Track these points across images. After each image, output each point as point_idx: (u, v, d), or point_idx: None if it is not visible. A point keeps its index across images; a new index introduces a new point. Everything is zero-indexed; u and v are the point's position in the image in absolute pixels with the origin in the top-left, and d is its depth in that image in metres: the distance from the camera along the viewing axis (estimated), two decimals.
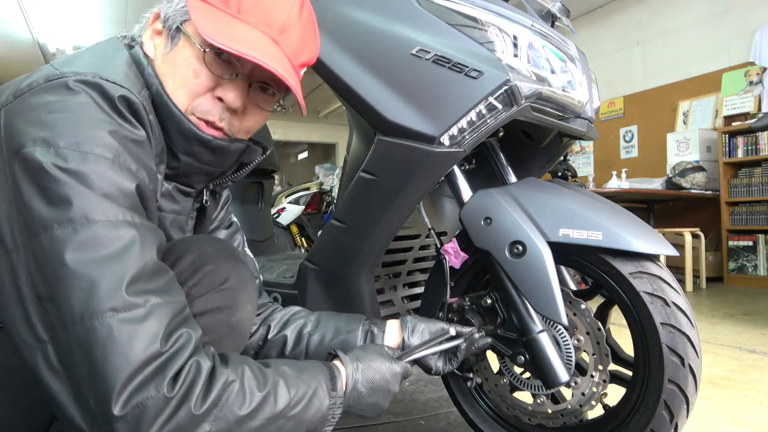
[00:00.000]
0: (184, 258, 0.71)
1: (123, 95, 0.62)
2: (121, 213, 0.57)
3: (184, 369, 0.55)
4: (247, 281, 0.78)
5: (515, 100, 0.92)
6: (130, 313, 0.53)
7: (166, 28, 0.73)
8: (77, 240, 0.53)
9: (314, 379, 0.68)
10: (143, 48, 0.74)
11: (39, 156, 0.55)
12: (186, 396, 0.54)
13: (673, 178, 4.28)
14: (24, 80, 0.62)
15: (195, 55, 0.71)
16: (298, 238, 4.30)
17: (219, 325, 0.72)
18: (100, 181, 0.56)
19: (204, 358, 0.58)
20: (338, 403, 0.70)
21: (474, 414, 1.11)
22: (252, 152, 0.83)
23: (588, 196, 0.97)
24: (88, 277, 0.52)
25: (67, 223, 0.54)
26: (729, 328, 2.55)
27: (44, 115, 0.57)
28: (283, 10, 0.72)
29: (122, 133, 0.61)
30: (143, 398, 0.51)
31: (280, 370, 0.66)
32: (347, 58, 0.98)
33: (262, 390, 0.61)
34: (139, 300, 0.54)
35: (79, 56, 0.67)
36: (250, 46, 0.67)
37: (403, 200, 1.01)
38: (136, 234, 0.57)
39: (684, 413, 0.86)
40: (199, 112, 0.72)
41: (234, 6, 0.70)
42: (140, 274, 0.55)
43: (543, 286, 0.88)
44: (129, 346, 0.52)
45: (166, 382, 0.53)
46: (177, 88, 0.71)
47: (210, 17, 0.68)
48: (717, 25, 4.73)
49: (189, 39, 0.71)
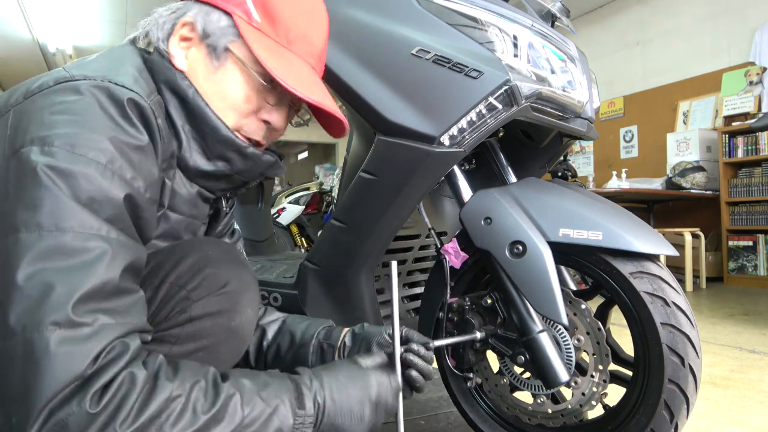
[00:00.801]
0: (185, 260, 0.71)
1: (132, 98, 0.62)
2: (96, 224, 0.55)
3: (115, 381, 0.50)
4: (249, 285, 0.77)
5: (515, 100, 0.92)
6: (73, 330, 0.49)
7: (208, 44, 0.72)
8: (40, 247, 0.51)
9: (275, 396, 0.61)
10: (172, 60, 0.72)
11: (33, 156, 0.54)
12: (115, 412, 0.49)
13: (673, 178, 4.28)
14: (35, 81, 0.62)
15: (247, 81, 0.73)
16: (298, 238, 4.31)
17: (218, 329, 0.72)
18: (86, 184, 0.55)
19: (140, 368, 0.52)
20: (307, 422, 0.62)
21: (474, 414, 1.11)
22: (278, 168, 0.83)
23: (588, 196, 0.97)
24: (41, 286, 0.50)
25: (35, 227, 0.52)
26: (729, 328, 2.55)
27: (47, 116, 0.57)
28: (321, 37, 0.78)
29: (123, 139, 0.60)
30: (64, 415, 0.47)
31: (238, 383, 0.59)
32: (347, 58, 0.98)
33: (209, 410, 0.54)
34: (87, 319, 0.51)
35: (91, 60, 0.68)
36: (305, 84, 0.71)
37: (403, 200, 1.01)
38: (107, 248, 0.54)
39: (684, 413, 0.86)
40: (245, 131, 0.76)
41: (283, 35, 0.73)
42: (97, 292, 0.52)
43: (543, 286, 0.88)
44: (63, 366, 0.48)
45: (89, 396, 0.48)
46: (226, 110, 0.73)
47: (266, 48, 0.70)
48: (717, 25, 4.73)
49: (240, 63, 0.72)
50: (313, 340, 0.89)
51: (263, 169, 0.80)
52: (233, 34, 0.72)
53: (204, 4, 0.73)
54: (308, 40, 0.76)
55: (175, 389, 0.53)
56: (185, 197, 0.77)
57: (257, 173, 0.81)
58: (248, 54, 0.71)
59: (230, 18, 0.72)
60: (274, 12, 0.72)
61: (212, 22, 0.72)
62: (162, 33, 0.73)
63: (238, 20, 0.71)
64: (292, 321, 0.95)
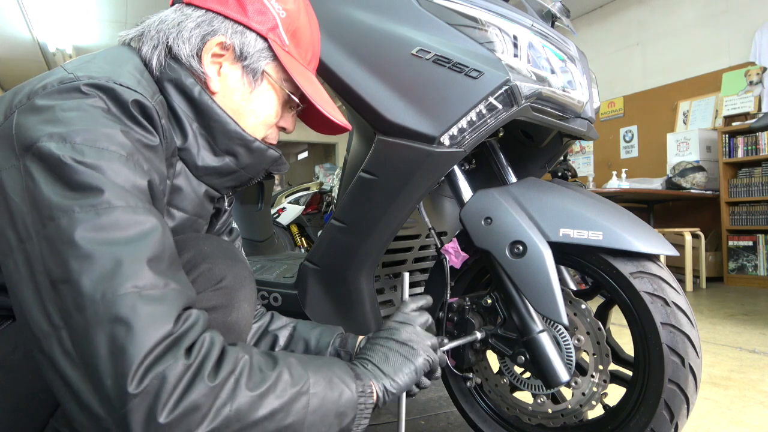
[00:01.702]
0: (181, 256, 0.70)
1: (136, 99, 0.63)
2: (140, 203, 0.57)
3: (198, 341, 0.55)
4: (245, 281, 0.77)
5: (515, 100, 0.93)
6: (151, 291, 0.53)
7: (245, 66, 0.76)
8: (99, 222, 0.53)
9: (333, 364, 0.66)
10: (208, 83, 0.74)
11: (55, 150, 0.55)
12: (202, 364, 0.53)
13: (673, 178, 4.28)
14: (38, 82, 0.62)
15: (278, 99, 0.80)
16: (298, 238, 4.31)
17: (214, 325, 0.71)
18: (115, 176, 0.57)
19: (215, 334, 0.58)
20: (368, 392, 0.66)
21: (474, 414, 1.11)
22: (282, 164, 0.86)
23: (588, 196, 0.97)
24: (110, 255, 0.52)
25: (89, 207, 0.54)
26: (729, 328, 2.55)
27: (59, 113, 0.58)
28: (319, 46, 0.87)
29: (135, 136, 0.61)
30: (162, 368, 0.50)
31: (290, 355, 0.64)
32: (347, 59, 0.98)
33: (273, 368, 0.59)
34: (159, 281, 0.54)
35: (92, 60, 0.68)
36: (326, 101, 0.80)
37: (403, 200, 1.01)
38: (156, 221, 0.58)
39: (684, 413, 0.86)
40: (266, 139, 0.83)
41: (304, 57, 0.82)
42: (161, 257, 0.56)
43: (543, 286, 0.88)
44: (152, 325, 0.51)
45: (182, 350, 0.52)
46: (259, 125, 0.80)
47: (296, 71, 0.78)
48: (717, 25, 4.73)
49: (274, 84, 0.79)
50: (329, 348, 0.90)
51: (268, 164, 0.83)
52: (269, 57, 0.77)
53: (234, 23, 0.74)
54: (317, 56, 0.86)
55: (240, 352, 0.58)
56: (192, 196, 0.78)
57: (262, 168, 0.83)
58: (282, 75, 0.79)
59: (265, 41, 0.76)
60: (299, 37, 0.80)
61: (249, 44, 0.75)
62: (189, 47, 0.73)
63: (274, 45, 0.76)
64: (303, 328, 0.95)
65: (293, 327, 0.95)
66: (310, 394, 0.59)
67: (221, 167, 0.78)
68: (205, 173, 0.77)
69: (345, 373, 0.65)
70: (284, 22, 0.77)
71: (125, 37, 0.77)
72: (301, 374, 0.60)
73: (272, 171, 0.86)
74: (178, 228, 0.77)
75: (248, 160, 0.79)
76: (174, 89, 0.73)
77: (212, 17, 0.74)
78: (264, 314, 0.97)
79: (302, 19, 0.80)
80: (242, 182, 0.83)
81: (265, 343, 0.93)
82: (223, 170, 0.78)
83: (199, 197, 0.79)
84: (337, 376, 0.64)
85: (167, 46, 0.73)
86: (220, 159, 0.77)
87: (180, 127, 0.74)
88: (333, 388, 0.62)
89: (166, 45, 0.73)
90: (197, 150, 0.75)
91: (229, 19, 0.74)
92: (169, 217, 0.75)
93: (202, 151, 0.76)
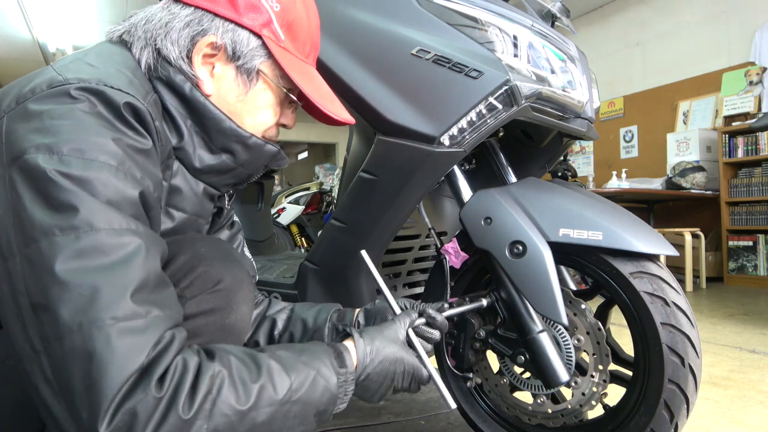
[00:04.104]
0: (177, 259, 0.70)
1: (128, 102, 0.61)
2: (125, 221, 0.55)
3: (171, 368, 0.53)
4: (243, 282, 0.77)
5: (515, 100, 0.93)
6: (130, 322, 0.51)
7: (238, 66, 0.73)
8: (79, 247, 0.52)
9: (315, 358, 0.64)
10: (200, 86, 0.72)
11: (42, 162, 0.53)
12: (175, 393, 0.51)
13: (673, 178, 4.28)
14: (26, 85, 0.60)
15: (275, 97, 0.78)
16: (298, 238, 4.31)
17: (212, 328, 0.71)
18: (104, 188, 0.55)
19: (190, 355, 0.55)
20: (350, 379, 0.66)
21: (474, 414, 1.11)
22: (281, 158, 0.84)
23: (588, 196, 0.97)
24: (89, 284, 0.51)
25: (70, 230, 0.52)
26: (729, 328, 2.55)
27: (48, 122, 0.56)
28: (318, 35, 0.83)
29: (127, 141, 0.59)
30: (133, 403, 0.49)
31: (275, 356, 0.62)
32: (347, 59, 0.98)
33: (256, 381, 0.57)
34: (141, 310, 0.53)
35: (82, 58, 0.65)
36: (325, 96, 0.78)
37: (403, 200, 1.01)
38: (140, 243, 0.55)
39: (684, 413, 0.86)
40: (266, 136, 0.81)
41: (302, 50, 0.78)
42: (144, 285, 0.54)
43: (543, 286, 0.88)
44: (126, 358, 0.50)
45: (153, 383, 0.50)
46: (257, 125, 0.78)
47: (293, 66, 0.74)
48: (717, 25, 4.73)
49: (270, 82, 0.76)
50: (327, 324, 0.90)
51: (267, 159, 0.81)
52: (263, 55, 0.74)
53: (225, 21, 0.71)
54: (316, 46, 0.82)
55: (217, 367, 0.56)
56: (190, 196, 0.76)
57: (261, 164, 0.81)
58: (278, 72, 0.75)
59: (259, 38, 0.73)
60: (296, 30, 0.76)
61: (242, 43, 0.72)
62: (178, 49, 0.70)
63: (268, 42, 0.73)
64: (301, 308, 0.95)
65: (291, 309, 0.95)
66: (291, 402, 0.59)
67: (219, 165, 0.76)
68: (203, 172, 0.76)
69: (328, 366, 0.64)
70: (279, 15, 0.73)
71: (112, 34, 0.74)
72: (283, 382, 0.59)
73: (272, 166, 0.84)
74: (178, 228, 0.76)
75: (246, 157, 0.77)
76: (165, 88, 0.70)
77: (201, 15, 0.71)
78: (262, 301, 0.97)
79: (298, 9, 0.76)
80: (241, 179, 0.82)
81: (264, 327, 0.92)
82: (221, 168, 0.77)
83: (198, 196, 0.77)
84: (320, 374, 0.63)
85: (155, 48, 0.71)
86: (217, 157, 0.75)
87: (175, 126, 0.72)
88: (315, 388, 0.62)
89: (154, 47, 0.71)
90: (193, 149, 0.74)
91: (220, 17, 0.71)
92: (168, 218, 0.74)
93: (199, 149, 0.74)
